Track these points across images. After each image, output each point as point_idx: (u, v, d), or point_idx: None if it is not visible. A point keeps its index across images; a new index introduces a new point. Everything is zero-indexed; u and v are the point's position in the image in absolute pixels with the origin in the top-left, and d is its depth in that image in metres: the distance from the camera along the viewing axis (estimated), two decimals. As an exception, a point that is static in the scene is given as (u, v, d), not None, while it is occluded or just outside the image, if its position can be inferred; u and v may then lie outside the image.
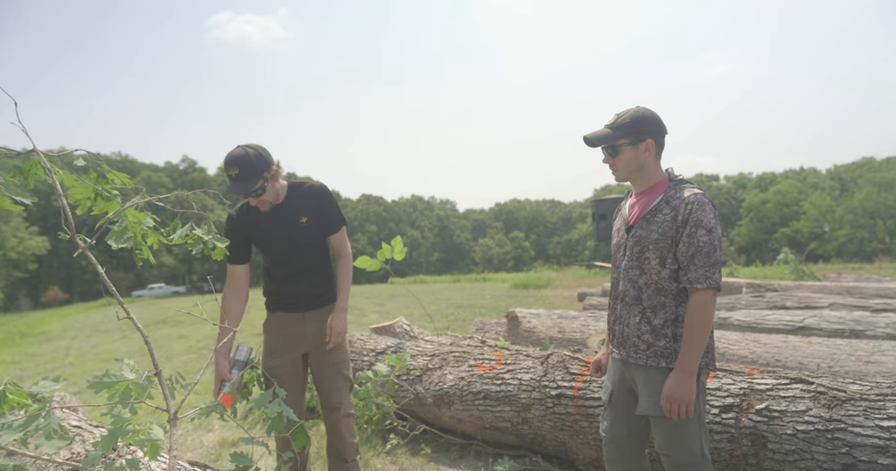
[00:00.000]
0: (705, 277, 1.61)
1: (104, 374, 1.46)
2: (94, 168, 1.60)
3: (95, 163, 1.62)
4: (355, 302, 12.23)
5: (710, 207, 1.64)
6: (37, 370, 6.94)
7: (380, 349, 3.78)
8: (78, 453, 1.79)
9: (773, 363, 3.50)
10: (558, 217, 69.82)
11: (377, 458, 2.94)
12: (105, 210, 1.61)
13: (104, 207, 1.61)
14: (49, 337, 11.68)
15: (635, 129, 1.72)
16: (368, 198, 64.37)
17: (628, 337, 1.75)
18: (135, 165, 50.79)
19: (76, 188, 1.56)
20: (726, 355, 3.76)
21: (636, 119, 1.72)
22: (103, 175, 1.62)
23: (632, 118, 1.73)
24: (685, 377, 1.60)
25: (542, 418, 2.63)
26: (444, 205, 70.69)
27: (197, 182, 49.90)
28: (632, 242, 1.75)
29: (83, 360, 7.50)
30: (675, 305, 1.68)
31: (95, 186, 1.58)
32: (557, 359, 2.80)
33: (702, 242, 1.61)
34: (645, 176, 1.77)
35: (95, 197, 1.59)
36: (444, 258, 62.27)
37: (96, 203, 1.60)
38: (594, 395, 2.49)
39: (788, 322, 4.49)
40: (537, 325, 5.12)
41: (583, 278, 15.69)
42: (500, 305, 10.14)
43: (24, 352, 9.38)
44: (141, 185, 1.82)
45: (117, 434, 1.38)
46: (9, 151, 1.46)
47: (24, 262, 33.92)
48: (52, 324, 15.58)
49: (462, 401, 2.96)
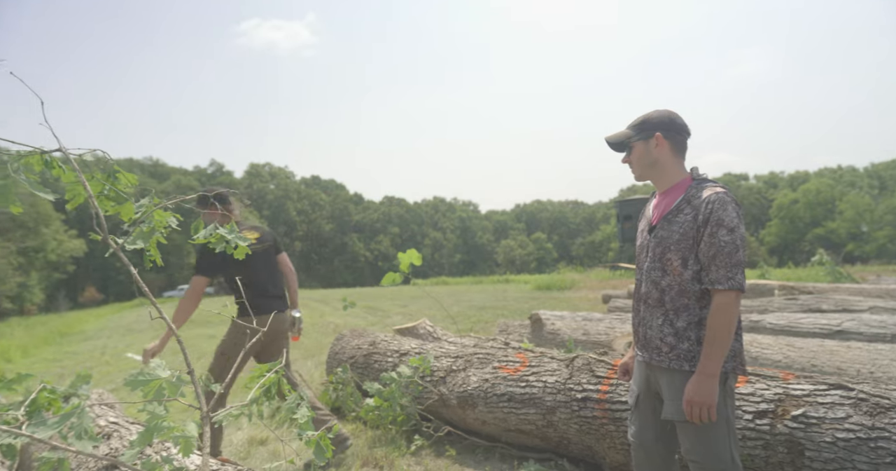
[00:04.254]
0: (727, 278, 1.58)
1: (139, 372, 1.50)
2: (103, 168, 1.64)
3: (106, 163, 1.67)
4: (379, 303, 12.33)
5: (732, 206, 1.60)
6: (76, 369, 7.21)
7: (403, 351, 3.80)
8: (116, 448, 1.85)
9: (809, 368, 3.38)
10: (581, 218, 68.99)
11: (402, 458, 2.96)
12: (117, 212, 1.65)
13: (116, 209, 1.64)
14: (86, 336, 12.14)
15: (645, 126, 1.78)
16: (391, 200, 64.85)
17: (651, 339, 1.73)
18: (165, 168, 52.41)
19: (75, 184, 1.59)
20: (759, 359, 3.65)
21: (646, 118, 1.80)
22: (113, 175, 1.66)
23: (643, 117, 1.80)
24: (706, 380, 1.57)
25: (568, 421, 2.60)
26: (465, 206, 70.66)
27: (224, 185, 51.03)
28: (654, 243, 1.73)
29: (118, 358, 7.76)
30: (698, 307, 1.65)
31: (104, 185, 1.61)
32: (583, 362, 2.77)
33: (723, 241, 1.58)
34: (664, 175, 1.77)
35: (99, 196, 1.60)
36: (465, 260, 62.21)
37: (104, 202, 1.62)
38: (621, 398, 2.45)
39: (825, 326, 4.33)
40: (561, 327, 5.07)
41: (607, 280, 15.45)
42: (523, 307, 10.07)
43: (65, 350, 9.77)
44: (171, 188, 1.87)
45: (153, 431, 1.42)
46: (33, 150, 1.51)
47: (63, 263, 35.37)
48: (89, 323, 16.18)
49: (486, 403, 2.95)
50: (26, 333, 14.12)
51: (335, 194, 61.66)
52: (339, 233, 57.87)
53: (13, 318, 24.32)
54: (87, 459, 1.81)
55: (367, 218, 60.67)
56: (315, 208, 57.71)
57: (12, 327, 16.98)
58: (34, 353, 9.90)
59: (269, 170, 58.56)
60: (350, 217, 59.58)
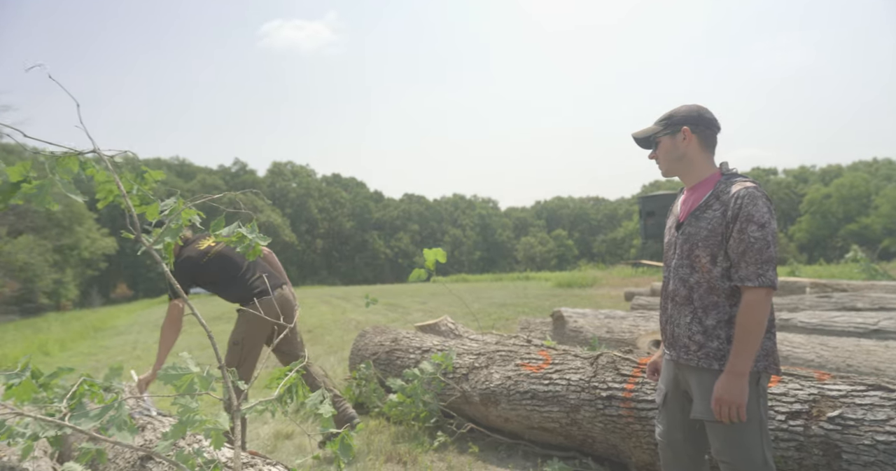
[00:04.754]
0: (757, 275, 1.54)
1: (171, 366, 1.55)
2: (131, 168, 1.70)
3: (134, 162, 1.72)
4: (399, 300, 12.41)
5: (762, 201, 1.56)
6: (109, 363, 7.47)
7: (425, 347, 3.81)
8: (150, 439, 1.91)
9: (845, 368, 3.27)
10: (603, 215, 68.06)
11: (425, 454, 2.98)
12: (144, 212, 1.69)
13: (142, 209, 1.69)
14: (118, 331, 12.55)
15: (672, 121, 1.74)
16: (411, 197, 65.07)
17: (679, 338, 1.70)
18: (191, 168, 53.66)
19: (105, 184, 1.64)
20: (790, 358, 3.55)
21: (673, 112, 1.76)
22: (141, 175, 1.70)
23: (671, 112, 1.77)
24: (736, 379, 1.54)
25: (592, 419, 2.58)
26: (485, 203, 70.41)
27: (248, 183, 52.11)
28: (682, 239, 1.70)
29: (149, 353, 8.00)
30: (728, 304, 1.61)
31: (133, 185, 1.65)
32: (607, 360, 2.73)
33: (753, 237, 1.54)
34: (692, 170, 1.73)
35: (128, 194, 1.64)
36: (485, 257, 62.06)
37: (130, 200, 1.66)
38: (647, 397, 2.41)
39: (860, 324, 4.18)
40: (584, 324, 5.01)
41: (629, 277, 15.22)
42: (544, 305, 10.00)
43: (99, 345, 10.12)
44: (197, 187, 1.91)
45: (186, 424, 1.47)
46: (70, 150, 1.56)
47: (96, 261, 36.65)
48: (120, 319, 16.73)
49: (509, 400, 2.94)
50: (63, 327, 14.69)
51: (356, 192, 62.21)
52: (359, 230, 58.40)
53: (50, 313, 25.33)
54: (124, 449, 1.87)
55: (387, 215, 61.04)
56: (336, 206, 58.34)
57: (49, 322, 17.68)
58: (71, 347, 10.29)
59: (290, 168, 59.39)
60: (370, 215, 60.03)
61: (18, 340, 12.05)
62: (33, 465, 1.88)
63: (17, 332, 14.95)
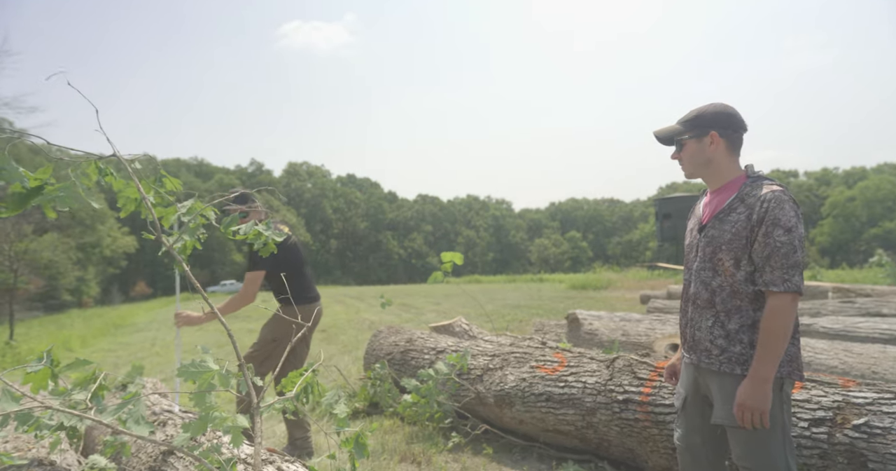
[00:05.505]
0: (783, 280, 1.51)
1: (191, 363, 1.57)
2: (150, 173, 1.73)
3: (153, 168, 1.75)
4: (413, 301, 12.44)
5: (790, 205, 1.53)
6: (129, 359, 7.62)
7: (440, 348, 3.82)
8: (171, 435, 1.94)
9: (870, 375, 3.19)
10: (618, 216, 67.42)
11: (439, 455, 2.98)
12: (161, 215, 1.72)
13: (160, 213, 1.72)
14: (138, 328, 12.80)
15: (699, 123, 1.68)
16: (424, 198, 65.21)
17: (700, 341, 1.67)
18: (209, 168, 54.54)
19: (126, 191, 1.68)
20: (812, 364, 3.47)
21: (701, 113, 1.69)
22: (160, 180, 1.74)
23: (697, 113, 1.70)
24: (760, 385, 1.51)
25: (608, 422, 2.55)
26: (499, 205, 70.27)
27: (264, 183, 52.76)
28: (704, 242, 1.67)
29: (167, 350, 8.15)
30: (752, 309, 1.58)
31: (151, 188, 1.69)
32: (624, 363, 2.70)
33: (779, 242, 1.51)
34: (717, 172, 1.69)
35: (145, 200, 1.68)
36: (499, 258, 61.90)
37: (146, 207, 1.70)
38: (665, 401, 2.38)
39: (886, 331, 4.07)
40: (599, 327, 4.97)
41: (645, 280, 15.04)
42: (558, 307, 9.93)
43: (119, 341, 10.34)
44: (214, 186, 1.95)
45: (207, 420, 1.49)
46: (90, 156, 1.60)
47: (117, 259, 37.50)
48: (139, 316, 17.07)
49: (524, 402, 2.93)
50: (84, 324, 15.04)
51: (370, 193, 62.55)
52: (373, 231, 58.71)
53: (72, 310, 25.95)
54: (146, 444, 1.90)
55: (400, 216, 61.27)
56: (350, 206, 58.75)
57: (72, 319, 18.13)
58: (92, 343, 10.52)
59: (306, 169, 60.00)
60: (384, 215, 60.31)
61: (43, 336, 12.37)
62: (60, 457, 1.93)
63: (42, 327, 15.35)
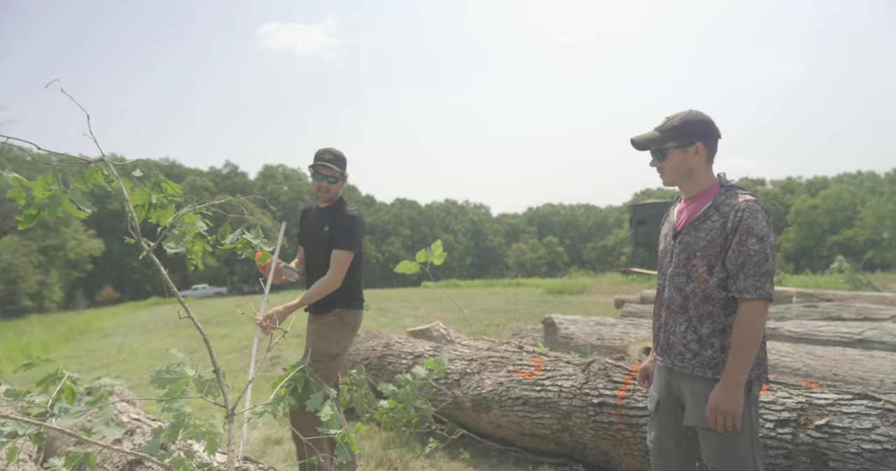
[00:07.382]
0: (755, 287, 1.56)
1: (165, 369, 1.53)
2: (150, 177, 1.71)
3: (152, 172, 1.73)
4: (390, 305, 12.36)
5: (762, 215, 1.58)
6: (94, 366, 7.34)
7: (417, 352, 3.81)
8: (139, 444, 1.89)
9: (831, 377, 3.32)
10: (593, 222, 68.55)
11: (416, 460, 2.96)
12: (160, 218, 1.71)
13: (159, 215, 1.71)
14: (104, 334, 12.34)
15: (685, 132, 1.68)
16: (402, 202, 65.02)
17: (673, 345, 1.72)
18: (181, 169, 53.12)
19: (134, 196, 1.65)
20: (777, 366, 3.60)
21: (686, 122, 1.68)
22: (159, 184, 1.72)
23: (681, 121, 1.69)
24: (732, 389, 1.55)
25: (584, 426, 2.59)
26: (477, 209, 70.56)
27: (238, 186, 51.75)
28: (678, 248, 1.71)
29: (135, 356, 7.88)
30: (723, 314, 1.63)
31: (151, 194, 1.68)
32: (599, 366, 2.75)
33: (752, 250, 1.56)
34: (694, 181, 1.72)
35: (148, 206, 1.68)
36: (477, 263, 62.10)
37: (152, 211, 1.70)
38: (638, 404, 2.43)
39: (846, 334, 4.26)
40: (575, 331, 5.04)
41: (619, 285, 15.32)
42: (535, 311, 10.03)
43: (83, 347, 9.94)
44: (187, 189, 1.93)
45: (179, 427, 1.45)
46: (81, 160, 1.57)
47: (82, 262, 36.11)
48: (105, 321, 16.45)
49: (501, 406, 2.95)
50: (46, 330, 14.41)
51: (347, 196, 61.74)
52: (350, 235, 58.08)
53: (33, 315, 24.84)
54: (112, 454, 1.84)
55: (378, 220, 60.90)
56: (327, 210, 58.05)
57: (32, 325, 17.34)
58: (54, 350, 10.09)
59: (282, 171, 59.11)
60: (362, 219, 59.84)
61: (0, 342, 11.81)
62: (18, 469, 1.85)
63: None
